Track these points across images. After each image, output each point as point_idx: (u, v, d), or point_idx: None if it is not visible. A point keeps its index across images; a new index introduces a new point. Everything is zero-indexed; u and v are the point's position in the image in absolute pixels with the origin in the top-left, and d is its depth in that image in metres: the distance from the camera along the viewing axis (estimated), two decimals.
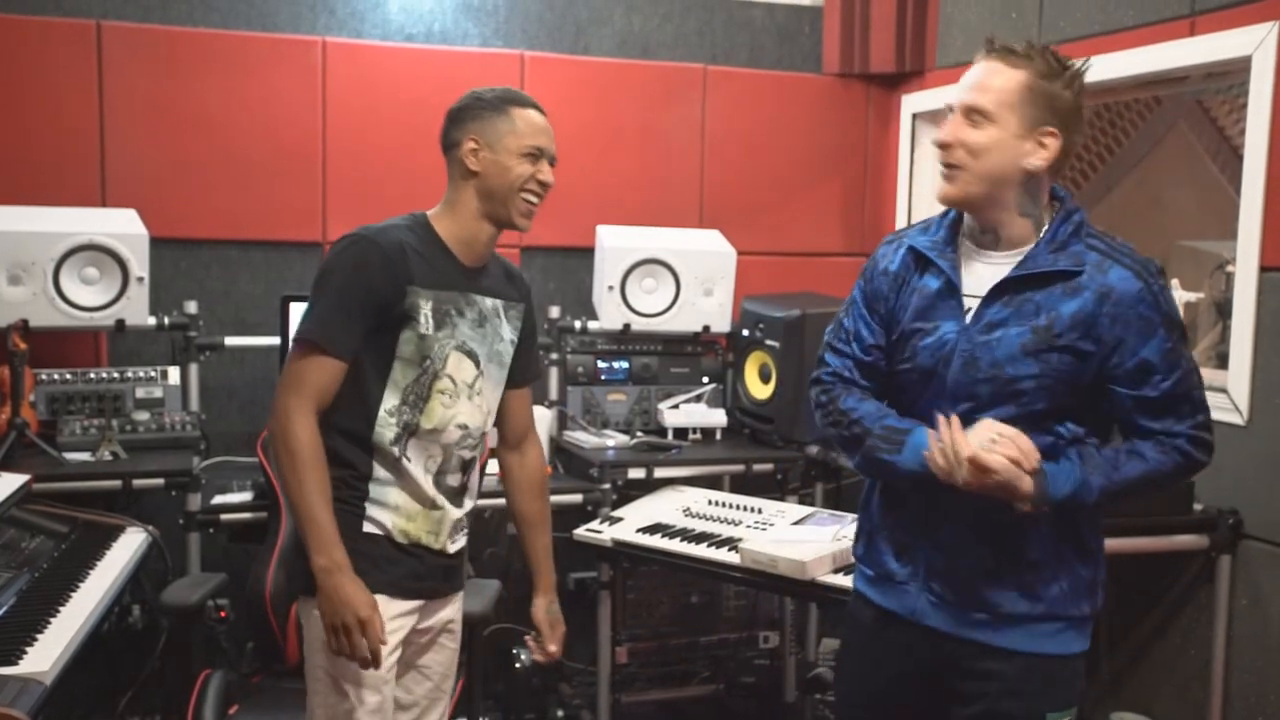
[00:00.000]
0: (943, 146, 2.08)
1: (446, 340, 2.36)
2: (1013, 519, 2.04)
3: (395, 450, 2.35)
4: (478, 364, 2.43)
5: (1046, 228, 2.10)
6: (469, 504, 2.51)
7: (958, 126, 2.07)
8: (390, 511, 2.36)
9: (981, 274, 2.11)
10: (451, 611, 2.56)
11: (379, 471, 2.36)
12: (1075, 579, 2.12)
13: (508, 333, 2.52)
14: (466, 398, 2.42)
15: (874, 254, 2.29)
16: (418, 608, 2.43)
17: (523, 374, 2.60)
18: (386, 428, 2.34)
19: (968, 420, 2.04)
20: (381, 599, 2.32)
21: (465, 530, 2.52)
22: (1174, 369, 2.04)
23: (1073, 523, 2.10)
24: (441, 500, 2.41)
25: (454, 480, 2.44)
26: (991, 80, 2.06)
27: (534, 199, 2.40)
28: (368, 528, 2.35)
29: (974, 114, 2.05)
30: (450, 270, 2.39)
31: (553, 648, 2.65)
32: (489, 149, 2.37)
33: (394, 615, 2.36)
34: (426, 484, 2.38)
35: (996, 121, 2.04)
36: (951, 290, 2.12)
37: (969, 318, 2.09)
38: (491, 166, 2.37)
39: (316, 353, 2.28)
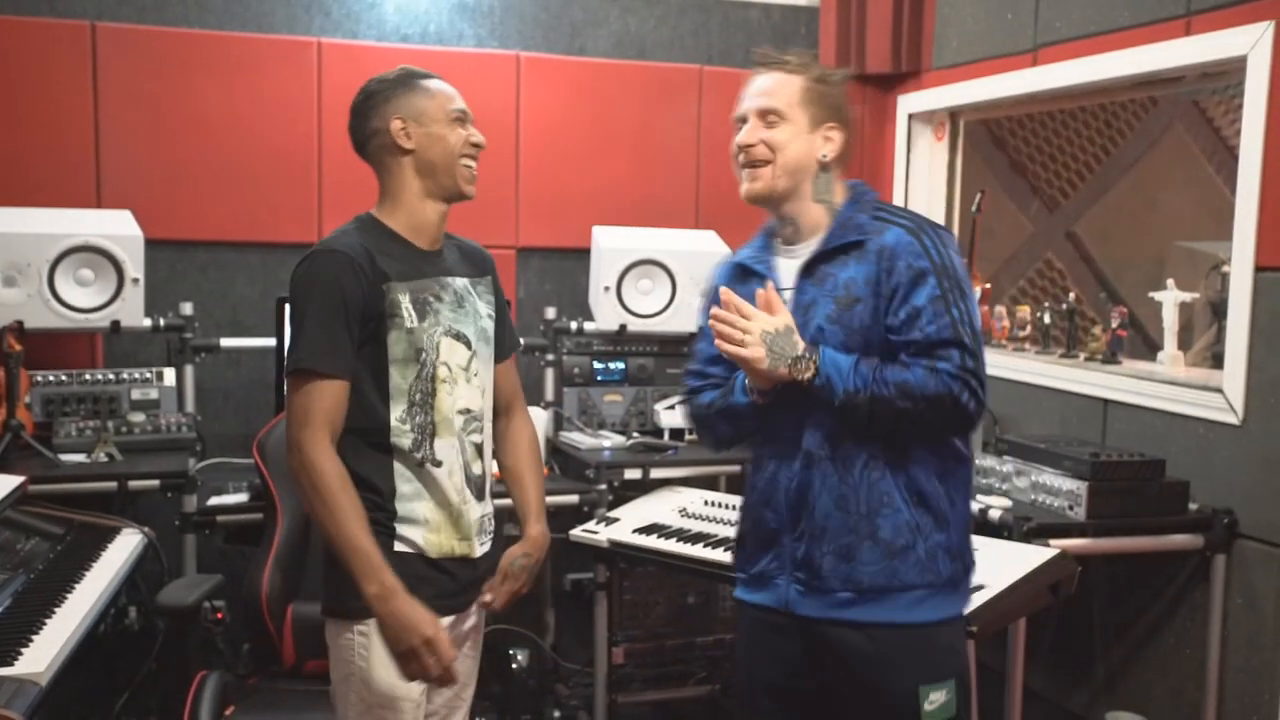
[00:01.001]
0: (747, 148, 2.28)
1: (433, 329, 2.33)
2: (868, 505, 2.18)
3: (419, 455, 2.31)
4: (469, 345, 2.40)
5: (840, 211, 2.28)
6: (489, 498, 2.48)
7: (756, 129, 2.28)
8: (420, 527, 2.32)
9: (790, 267, 2.30)
10: (475, 619, 2.52)
11: (404, 487, 2.31)
12: (930, 545, 2.19)
13: (484, 309, 2.48)
14: (465, 381, 2.38)
15: (709, 282, 2.49)
16: (449, 623, 2.36)
17: (502, 347, 2.55)
18: (402, 436, 2.30)
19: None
20: None
21: (490, 532, 2.48)
22: (939, 315, 2.13)
23: (922, 494, 2.20)
24: (468, 496, 2.38)
25: (476, 468, 2.41)
26: (777, 86, 2.28)
27: (472, 162, 2.39)
28: (399, 547, 2.30)
29: (769, 115, 2.27)
30: (415, 259, 2.36)
31: (488, 597, 2.44)
32: (416, 123, 2.36)
33: None
34: (454, 484, 2.35)
35: (790, 119, 2.26)
36: (773, 289, 2.26)
37: (789, 308, 2.24)
38: (425, 139, 2.35)
39: (314, 379, 2.22)
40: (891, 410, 2.12)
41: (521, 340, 3.14)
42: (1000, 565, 2.84)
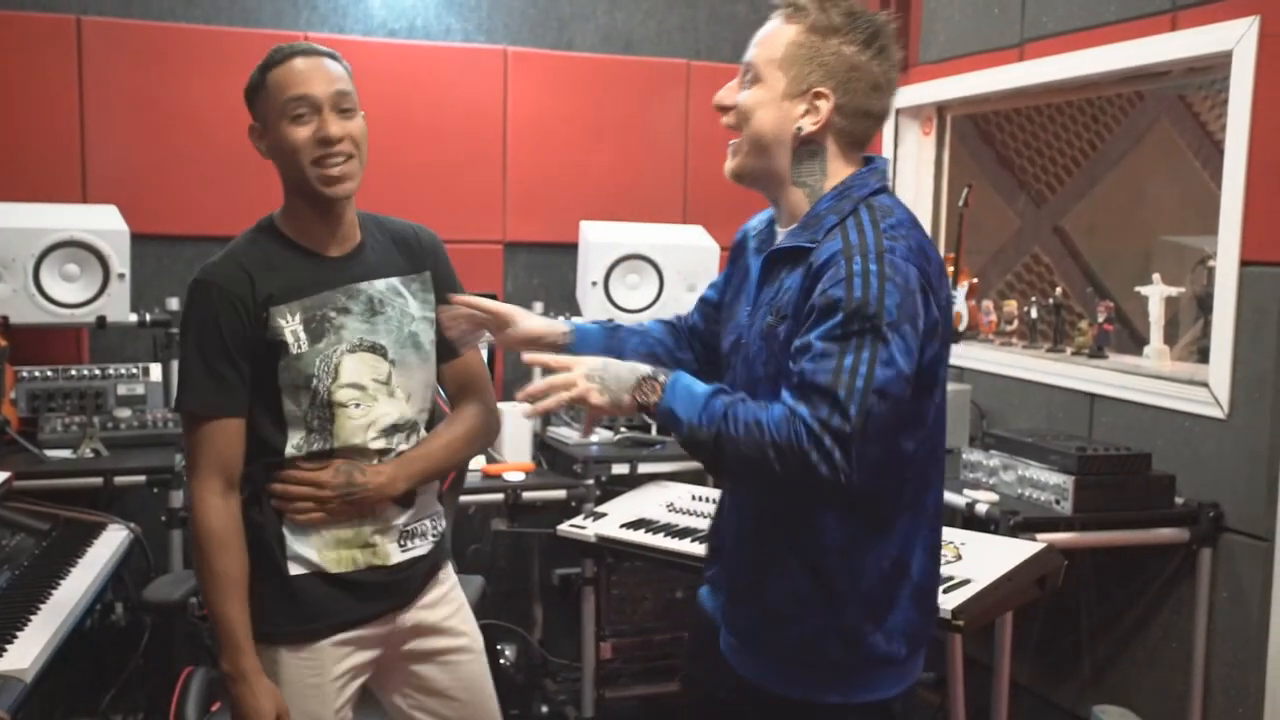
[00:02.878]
0: (720, 109, 1.91)
1: (331, 349, 2.13)
2: (756, 558, 1.89)
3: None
4: (386, 355, 2.19)
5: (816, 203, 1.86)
6: (419, 504, 2.29)
7: (732, 86, 1.89)
8: (315, 542, 2.16)
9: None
10: (439, 621, 2.34)
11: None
12: (818, 625, 1.85)
13: (417, 309, 2.26)
14: (386, 395, 2.20)
15: (737, 236, 2.15)
16: (376, 631, 2.25)
17: (450, 347, 2.29)
18: (300, 462, 2.16)
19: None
20: (324, 645, 2.18)
21: (425, 537, 2.31)
22: (826, 358, 1.67)
23: (822, 569, 1.84)
24: (381, 510, 2.21)
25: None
26: (766, 36, 1.86)
27: (329, 163, 2.09)
28: (294, 570, 2.15)
29: (747, 72, 1.87)
30: (313, 270, 2.16)
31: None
32: (266, 130, 2.13)
33: (344, 642, 2.21)
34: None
35: (764, 80, 1.84)
36: (749, 276, 1.99)
37: (751, 304, 1.93)
38: (269, 145, 2.14)
39: (201, 422, 2.10)
40: (737, 454, 1.70)
41: None
42: (987, 559, 2.84)
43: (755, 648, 1.93)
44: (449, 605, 2.39)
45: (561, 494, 3.82)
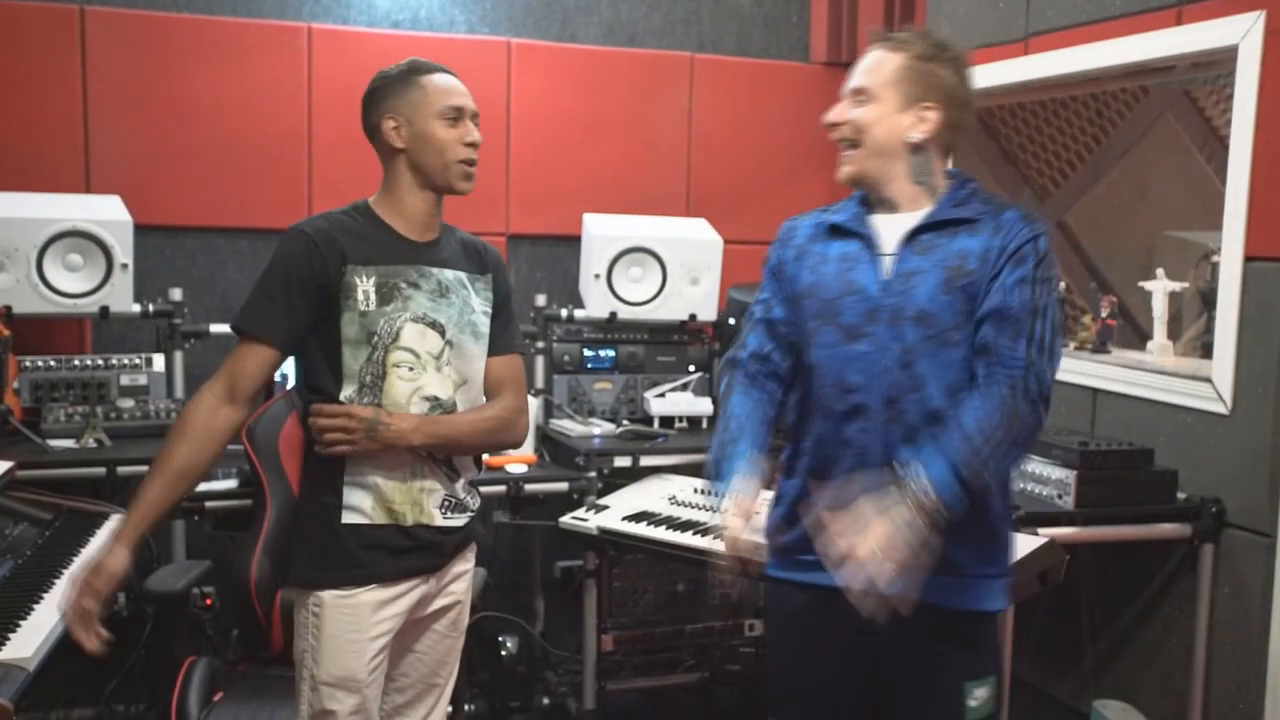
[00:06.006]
0: (832, 127, 2.24)
1: (397, 314, 2.34)
2: None
3: None
4: (443, 334, 2.40)
5: (945, 192, 2.22)
6: (460, 480, 2.47)
7: (844, 108, 2.24)
8: (369, 493, 2.34)
9: (891, 232, 2.21)
10: (453, 600, 2.54)
11: (353, 458, 2.34)
12: (991, 534, 2.17)
13: (479, 304, 2.49)
14: (434, 369, 2.39)
15: (782, 231, 2.43)
16: (409, 591, 2.40)
17: (496, 344, 2.53)
18: None
19: (902, 370, 2.12)
20: (370, 590, 2.34)
21: (465, 510, 2.48)
22: (1027, 302, 2.07)
23: (1003, 483, 2.17)
24: (424, 471, 2.39)
25: (440, 454, 2.42)
26: (874, 64, 2.22)
27: (469, 163, 2.40)
28: (347, 518, 2.34)
29: (858, 94, 2.21)
30: (395, 246, 2.38)
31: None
32: (408, 123, 2.37)
33: (382, 603, 2.36)
34: (404, 457, 2.36)
35: (878, 99, 2.19)
36: (868, 251, 2.21)
37: (887, 274, 2.18)
38: (415, 140, 2.37)
39: (240, 339, 2.32)
40: (989, 463, 2.01)
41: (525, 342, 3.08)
42: None
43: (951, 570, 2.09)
44: (463, 583, 2.56)
45: (564, 486, 3.82)
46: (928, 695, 2.17)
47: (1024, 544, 2.90)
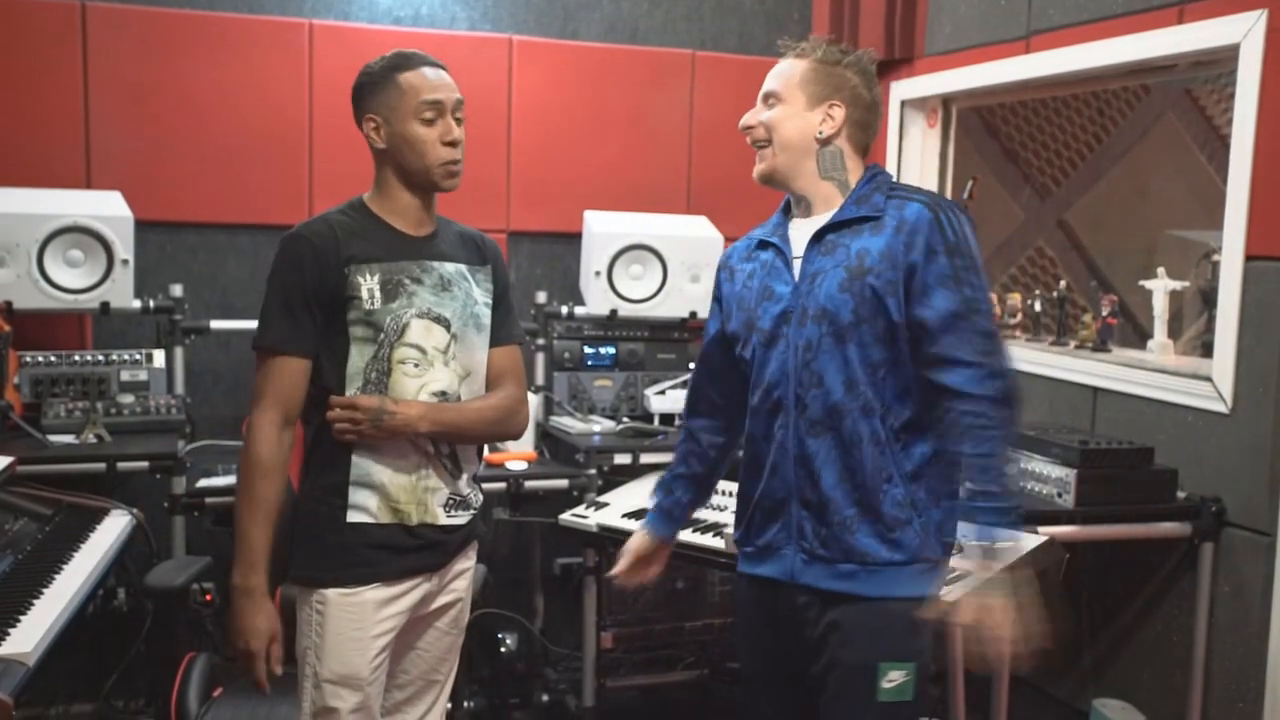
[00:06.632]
0: (746, 129, 2.36)
1: (402, 310, 2.34)
2: (870, 479, 2.21)
3: None
4: (449, 328, 2.40)
5: (852, 188, 2.31)
6: (464, 477, 2.48)
7: (756, 112, 2.35)
8: (375, 492, 2.34)
9: (800, 237, 2.32)
10: (454, 598, 2.54)
11: (359, 454, 2.34)
12: (927, 523, 2.23)
13: (480, 295, 2.50)
14: (441, 364, 2.40)
15: (720, 258, 2.55)
16: (413, 589, 2.40)
17: (496, 335, 2.54)
18: None
19: (804, 368, 2.24)
20: (374, 588, 2.34)
21: (468, 508, 2.48)
22: (954, 294, 2.15)
23: (922, 472, 2.23)
24: (429, 470, 2.39)
25: (444, 448, 2.42)
26: (782, 69, 2.35)
27: (451, 160, 2.38)
28: (352, 517, 2.34)
29: (769, 98, 2.34)
30: (396, 242, 2.39)
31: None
32: (387, 123, 2.36)
33: (385, 601, 2.35)
34: (410, 456, 2.37)
35: (786, 100, 2.31)
36: (782, 257, 2.33)
37: (797, 276, 2.29)
38: (394, 140, 2.36)
39: (272, 357, 2.32)
40: (1010, 473, 2.15)
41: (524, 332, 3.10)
42: None
43: (881, 560, 2.22)
44: (464, 580, 2.56)
45: (564, 483, 3.83)
46: (842, 676, 2.24)
47: (1023, 542, 2.89)
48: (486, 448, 2.63)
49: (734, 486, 3.68)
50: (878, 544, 2.21)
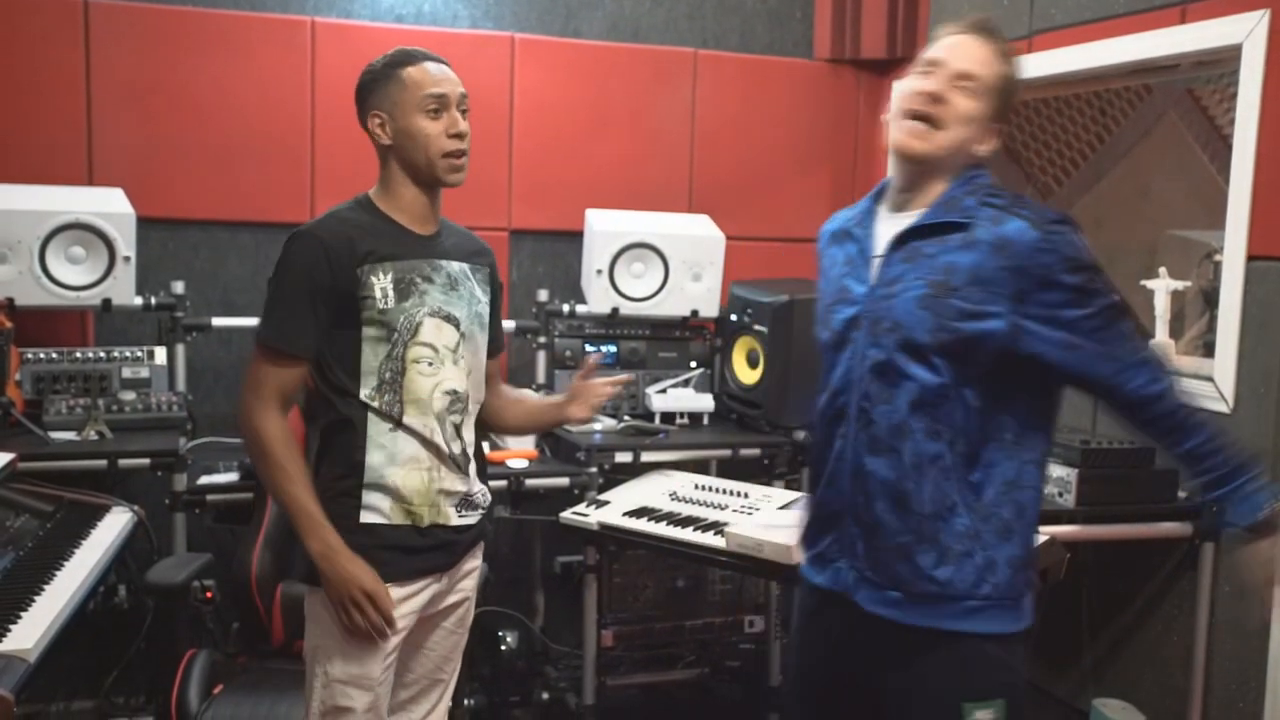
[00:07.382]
0: (930, 95, 2.06)
1: (415, 309, 2.35)
2: (931, 506, 2.03)
3: (388, 426, 2.34)
4: (458, 327, 2.42)
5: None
6: (473, 477, 2.48)
7: (949, 86, 2.06)
8: (388, 494, 2.34)
9: (885, 233, 2.13)
10: (461, 597, 2.55)
11: (373, 456, 2.34)
12: (992, 558, 2.04)
13: (481, 295, 2.51)
14: (451, 362, 2.40)
15: (819, 233, 2.37)
16: (423, 590, 2.41)
17: (491, 344, 2.58)
18: (373, 410, 2.34)
19: (875, 380, 2.07)
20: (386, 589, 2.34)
21: (477, 508, 2.50)
22: (1088, 309, 2.00)
23: (991, 502, 2.04)
24: (442, 471, 2.39)
25: (455, 447, 2.42)
26: (990, 61, 2.09)
27: (456, 156, 2.38)
28: (365, 518, 2.34)
29: (968, 79, 2.06)
30: (405, 240, 2.39)
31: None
32: (392, 119, 2.37)
33: (396, 601, 2.35)
34: (424, 457, 2.37)
35: (981, 99, 2.06)
36: (862, 254, 2.16)
37: (874, 279, 2.11)
38: (400, 136, 2.36)
39: (271, 353, 2.32)
40: (1234, 440, 2.07)
41: (512, 323, 3.13)
42: None
43: (930, 591, 2.04)
44: (472, 580, 2.58)
45: (564, 482, 3.82)
46: (921, 712, 2.10)
47: None
48: (487, 446, 2.64)
49: (736, 486, 3.72)
50: (929, 574, 2.03)
